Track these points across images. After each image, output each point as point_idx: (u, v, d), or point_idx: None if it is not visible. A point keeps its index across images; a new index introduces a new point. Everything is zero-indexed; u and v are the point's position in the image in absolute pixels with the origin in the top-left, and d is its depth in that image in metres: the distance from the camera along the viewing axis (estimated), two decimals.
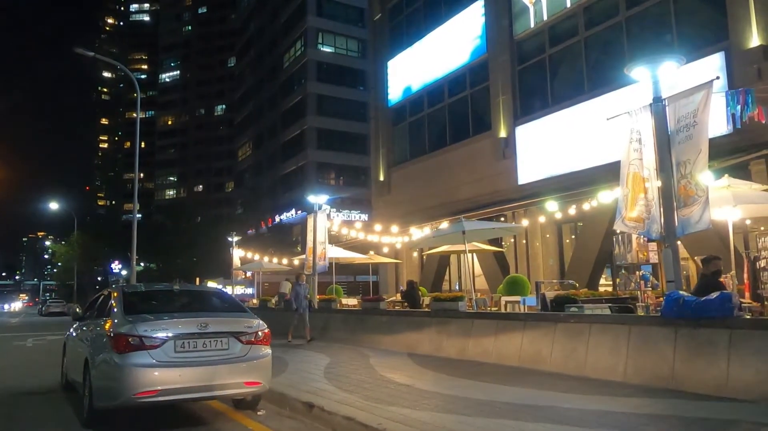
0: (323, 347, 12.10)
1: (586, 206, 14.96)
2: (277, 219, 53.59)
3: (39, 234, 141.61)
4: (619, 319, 7.10)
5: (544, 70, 18.16)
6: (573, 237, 18.42)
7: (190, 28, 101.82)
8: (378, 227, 20.20)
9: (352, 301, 18.12)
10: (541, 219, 16.59)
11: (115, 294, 6.48)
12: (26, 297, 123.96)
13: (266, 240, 47.16)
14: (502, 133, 19.05)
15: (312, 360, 10.06)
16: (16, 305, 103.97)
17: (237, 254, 27.07)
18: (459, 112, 21.85)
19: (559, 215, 16.12)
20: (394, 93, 25.59)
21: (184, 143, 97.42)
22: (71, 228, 53.31)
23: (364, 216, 45.06)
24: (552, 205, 16.01)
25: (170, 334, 5.58)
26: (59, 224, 67.17)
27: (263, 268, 25.27)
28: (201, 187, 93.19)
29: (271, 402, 6.88)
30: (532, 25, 18.38)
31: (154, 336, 5.51)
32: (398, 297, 16.97)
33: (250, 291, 37.02)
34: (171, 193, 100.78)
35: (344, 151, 50.94)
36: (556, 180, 16.83)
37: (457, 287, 22.43)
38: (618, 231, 9.00)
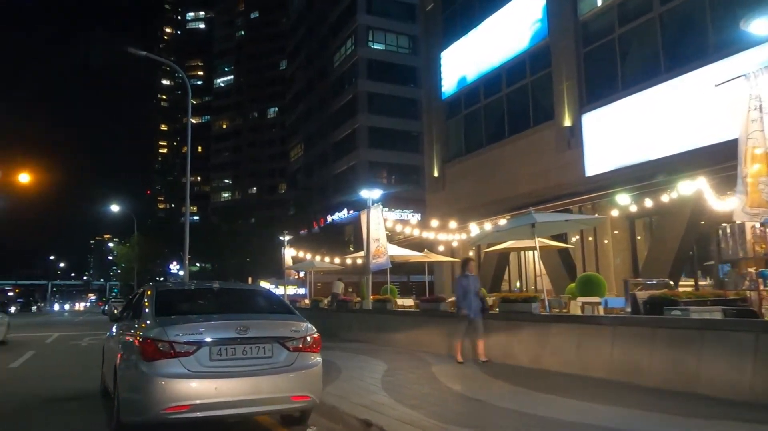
0: (378, 351, 11.22)
1: (664, 198, 13.56)
2: (329, 219, 53.35)
3: (105, 236, 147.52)
4: (743, 325, 5.82)
5: (614, 51, 16.70)
6: (646, 233, 16.93)
7: (243, 33, 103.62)
8: (434, 223, 19.22)
9: (407, 302, 17.19)
10: (614, 213, 15.18)
11: (148, 293, 5.76)
12: (94, 297, 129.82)
13: (318, 240, 46.91)
14: (567, 122, 17.71)
15: (367, 366, 9.18)
16: (82, 304, 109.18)
17: (289, 253, 26.65)
18: (518, 102, 20.59)
19: (634, 208, 14.73)
20: (448, 85, 24.52)
21: (238, 146, 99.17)
22: (133, 230, 54.88)
23: (417, 216, 44.15)
24: (624, 198, 14.62)
25: (205, 339, 4.79)
26: (123, 227, 69.43)
27: (315, 267, 24.73)
28: (255, 188, 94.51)
29: (321, 416, 6.02)
30: (599, 4, 16.96)
31: (187, 341, 4.73)
32: None
33: (302, 291, 36.69)
34: (226, 195, 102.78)
35: (396, 149, 50.13)
36: (628, 170, 15.39)
37: (517, 287, 21.19)
38: (714, 222, 7.73)
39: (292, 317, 5.58)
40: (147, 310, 5.32)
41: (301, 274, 31.72)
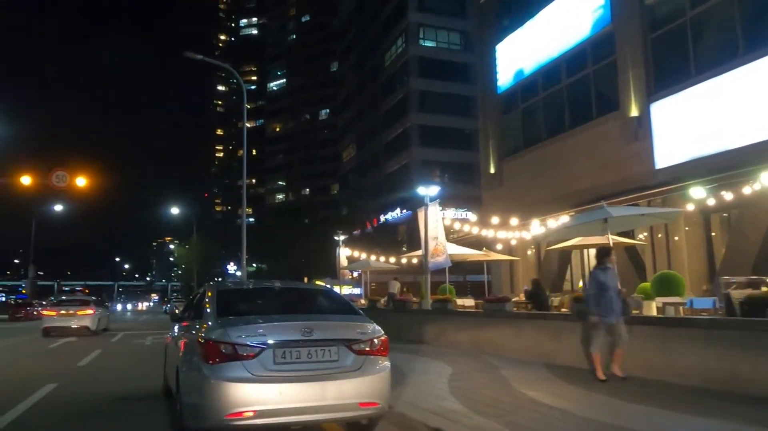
0: (440, 353, 10.82)
1: (746, 190, 12.59)
2: (382, 219, 53.21)
3: (166, 239, 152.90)
4: None
5: (685, 35, 15.67)
6: (723, 228, 15.82)
7: (294, 36, 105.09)
8: (495, 220, 18.64)
9: (468, 302, 16.68)
10: (690, 207, 14.19)
11: (209, 293, 5.58)
12: (157, 297, 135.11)
13: (372, 240, 46.86)
14: (634, 112, 16.79)
15: (431, 369, 8.80)
16: (144, 304, 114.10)
17: (344, 253, 26.58)
18: (579, 93, 19.72)
19: (710, 202, 13.76)
20: (504, 79, 23.82)
21: (291, 149, 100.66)
22: (193, 232, 56.56)
23: (471, 214, 43.32)
24: (698, 192, 13.66)
25: (268, 341, 4.54)
26: (183, 229, 71.76)
27: (370, 267, 24.55)
28: (308, 190, 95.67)
29: (389, 422, 5.67)
30: None
31: (250, 343, 4.48)
32: (521, 297, 15.32)
33: (357, 291, 36.64)
34: (280, 197, 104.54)
35: (449, 147, 49.40)
36: (703, 161, 14.40)
37: (580, 287, 20.29)
38: None
39: (358, 318, 5.27)
40: (208, 310, 5.13)
41: (356, 274, 31.63)
